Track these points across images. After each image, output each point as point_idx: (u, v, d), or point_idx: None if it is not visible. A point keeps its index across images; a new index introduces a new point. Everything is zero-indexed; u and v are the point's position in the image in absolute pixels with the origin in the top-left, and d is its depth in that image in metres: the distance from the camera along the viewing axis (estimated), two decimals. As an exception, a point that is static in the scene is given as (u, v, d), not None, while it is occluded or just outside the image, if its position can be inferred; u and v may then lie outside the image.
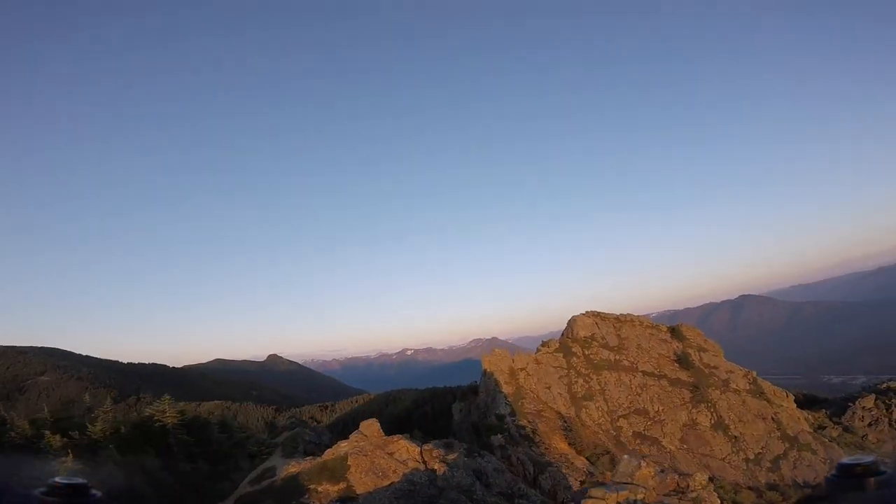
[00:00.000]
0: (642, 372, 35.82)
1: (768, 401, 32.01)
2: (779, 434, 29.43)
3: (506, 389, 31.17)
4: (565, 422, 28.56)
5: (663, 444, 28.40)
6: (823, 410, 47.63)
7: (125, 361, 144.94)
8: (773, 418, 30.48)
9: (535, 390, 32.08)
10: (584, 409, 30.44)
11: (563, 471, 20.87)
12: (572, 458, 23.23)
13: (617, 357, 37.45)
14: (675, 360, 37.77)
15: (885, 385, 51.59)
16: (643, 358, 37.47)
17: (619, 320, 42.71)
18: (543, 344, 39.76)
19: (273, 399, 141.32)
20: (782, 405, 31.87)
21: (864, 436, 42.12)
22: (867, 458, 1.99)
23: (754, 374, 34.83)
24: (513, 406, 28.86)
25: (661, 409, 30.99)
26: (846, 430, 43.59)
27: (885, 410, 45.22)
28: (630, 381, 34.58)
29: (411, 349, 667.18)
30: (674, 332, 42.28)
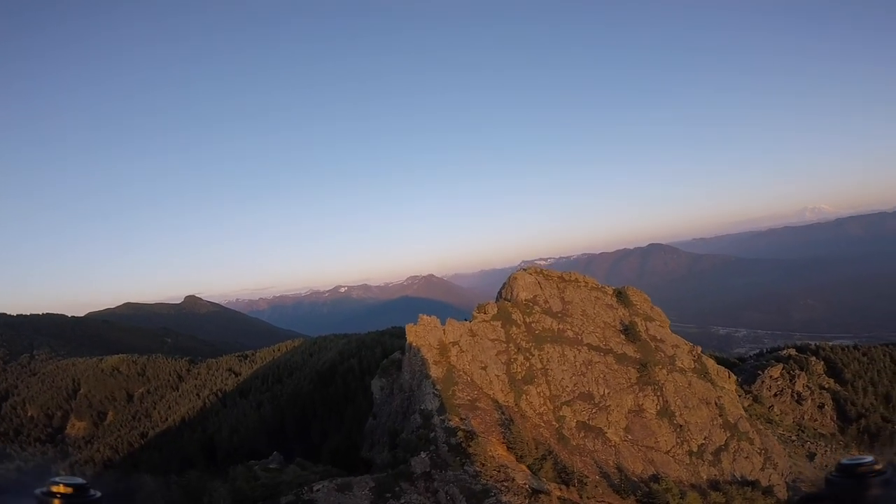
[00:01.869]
0: (587, 345, 32.29)
1: (712, 382, 30.46)
2: (721, 421, 27.96)
3: (434, 372, 25.83)
4: (503, 414, 24.31)
5: (608, 435, 25.55)
6: (735, 378, 49.24)
7: (14, 314, 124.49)
8: (716, 403, 28.98)
9: (469, 372, 27.11)
10: (524, 396, 26.31)
11: (504, 498, 16.69)
12: (513, 471, 19.00)
13: (561, 326, 33.51)
14: (622, 331, 34.87)
15: (786, 352, 54.39)
16: (588, 327, 33.94)
17: (563, 279, 38.58)
18: (479, 309, 34.39)
19: (190, 347, 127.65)
20: (724, 387, 30.69)
21: (770, 406, 44.01)
22: (867, 458, 1.92)
23: (699, 349, 33.27)
24: (442, 397, 23.79)
25: (606, 392, 27.94)
26: (755, 399, 45.28)
27: (788, 381, 47.37)
28: (574, 357, 30.87)
29: (345, 286, 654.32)
30: (620, 296, 39.09)
